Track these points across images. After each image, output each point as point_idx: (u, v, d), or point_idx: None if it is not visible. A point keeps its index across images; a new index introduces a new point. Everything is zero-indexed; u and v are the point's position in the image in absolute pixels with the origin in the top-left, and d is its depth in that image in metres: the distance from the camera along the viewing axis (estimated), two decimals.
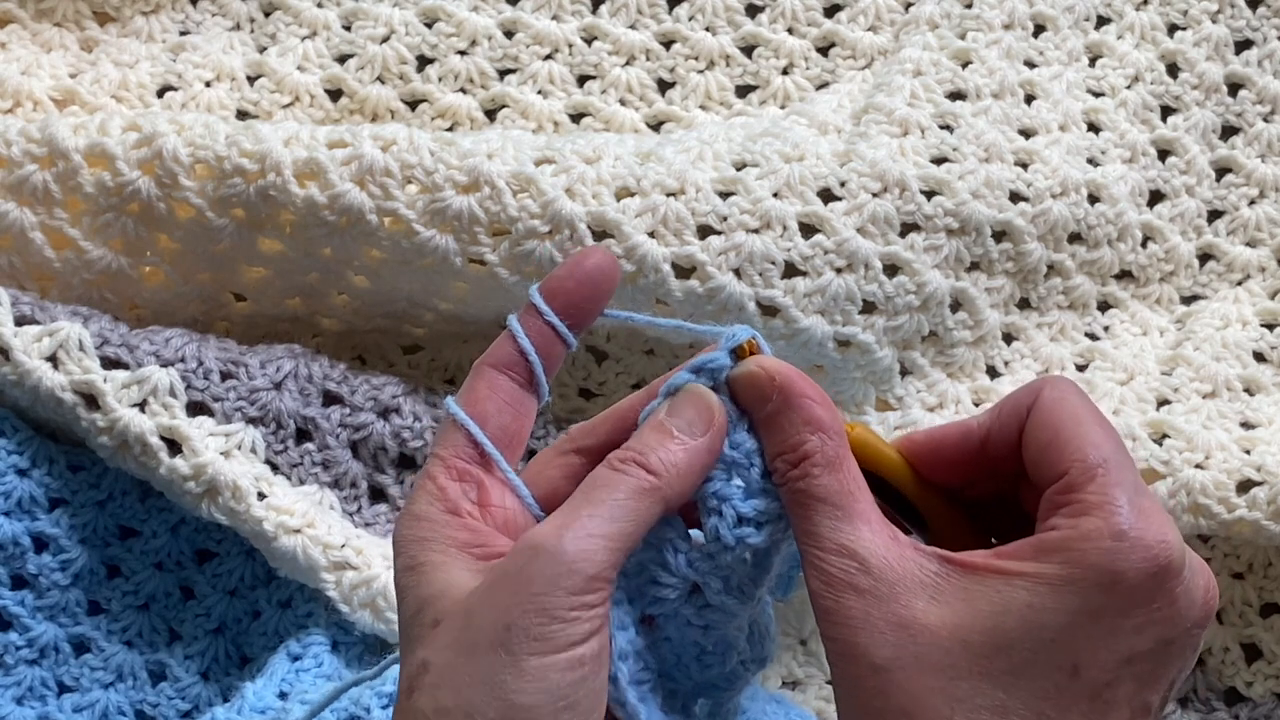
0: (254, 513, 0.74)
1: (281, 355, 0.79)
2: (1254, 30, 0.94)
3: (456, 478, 0.53)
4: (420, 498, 0.53)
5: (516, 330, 0.54)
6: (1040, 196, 0.84)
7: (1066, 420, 0.50)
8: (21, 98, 0.88)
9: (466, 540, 0.51)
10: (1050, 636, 0.47)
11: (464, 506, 0.52)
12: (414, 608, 0.50)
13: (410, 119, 0.90)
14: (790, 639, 0.83)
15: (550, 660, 0.47)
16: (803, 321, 0.78)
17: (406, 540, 0.52)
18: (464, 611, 0.48)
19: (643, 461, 0.50)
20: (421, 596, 0.50)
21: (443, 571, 0.50)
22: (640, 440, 0.51)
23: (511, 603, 0.47)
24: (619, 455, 0.51)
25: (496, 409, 0.54)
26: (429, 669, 0.48)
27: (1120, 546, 0.47)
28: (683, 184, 0.78)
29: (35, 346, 0.76)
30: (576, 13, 0.93)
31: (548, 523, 0.49)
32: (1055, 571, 0.47)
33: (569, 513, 0.49)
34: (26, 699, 0.77)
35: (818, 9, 0.94)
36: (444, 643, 0.48)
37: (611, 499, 0.49)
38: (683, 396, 0.52)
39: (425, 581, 0.50)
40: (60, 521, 0.78)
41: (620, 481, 0.50)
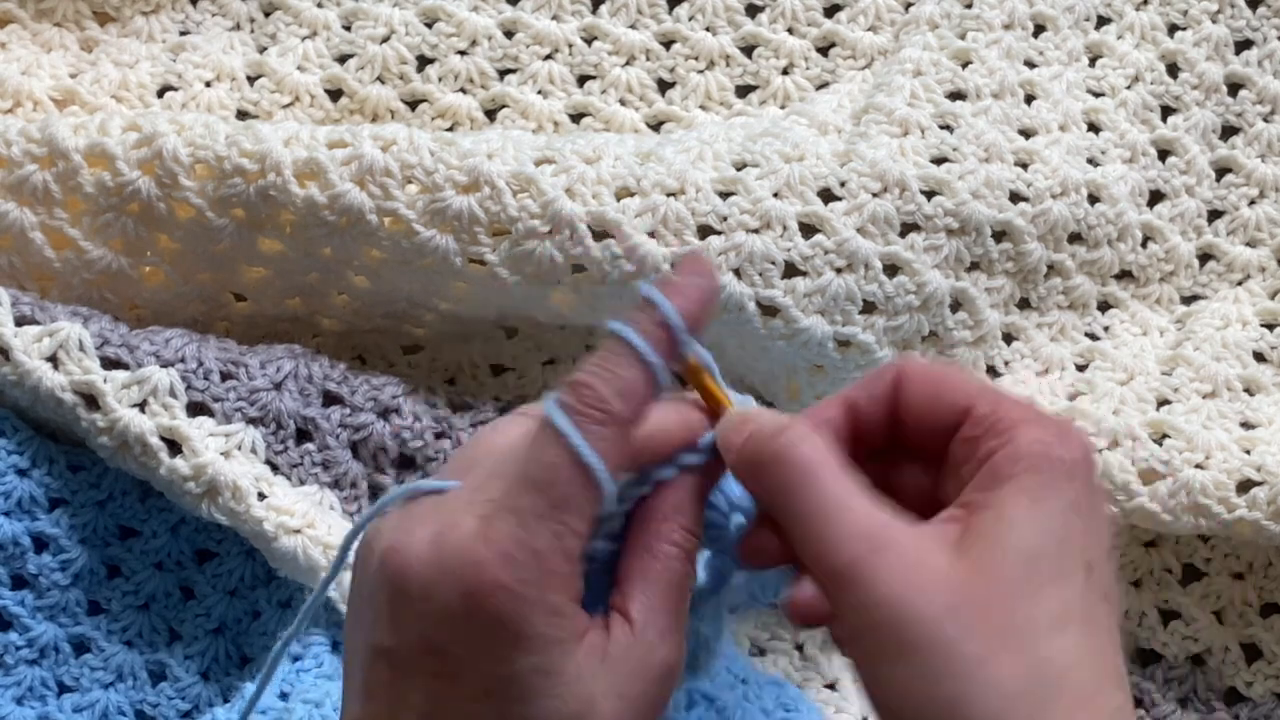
0: (254, 513, 0.74)
1: (281, 355, 0.79)
2: (1254, 30, 0.94)
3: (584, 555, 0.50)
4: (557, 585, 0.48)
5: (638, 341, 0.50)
6: (1040, 196, 0.84)
7: (939, 372, 0.52)
8: (21, 98, 0.88)
9: (578, 630, 0.49)
10: (1058, 539, 0.48)
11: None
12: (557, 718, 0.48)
13: (410, 119, 0.90)
14: (786, 643, 0.83)
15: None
16: (803, 321, 0.78)
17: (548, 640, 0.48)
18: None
19: (694, 555, 0.52)
20: (572, 711, 0.48)
21: (581, 683, 0.48)
22: (697, 526, 0.52)
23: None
24: (690, 551, 0.51)
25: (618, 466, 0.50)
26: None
27: (1061, 439, 0.49)
28: (683, 184, 0.78)
29: (35, 346, 0.76)
30: (576, 13, 0.93)
31: (667, 641, 0.50)
32: (1027, 482, 0.48)
33: (675, 624, 0.50)
34: (26, 699, 0.78)
35: (818, 9, 0.94)
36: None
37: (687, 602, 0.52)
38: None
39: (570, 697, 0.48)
40: (60, 521, 0.78)
41: (690, 581, 0.52)
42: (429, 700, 0.49)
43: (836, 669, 0.82)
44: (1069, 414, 0.83)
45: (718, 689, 0.64)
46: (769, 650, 0.82)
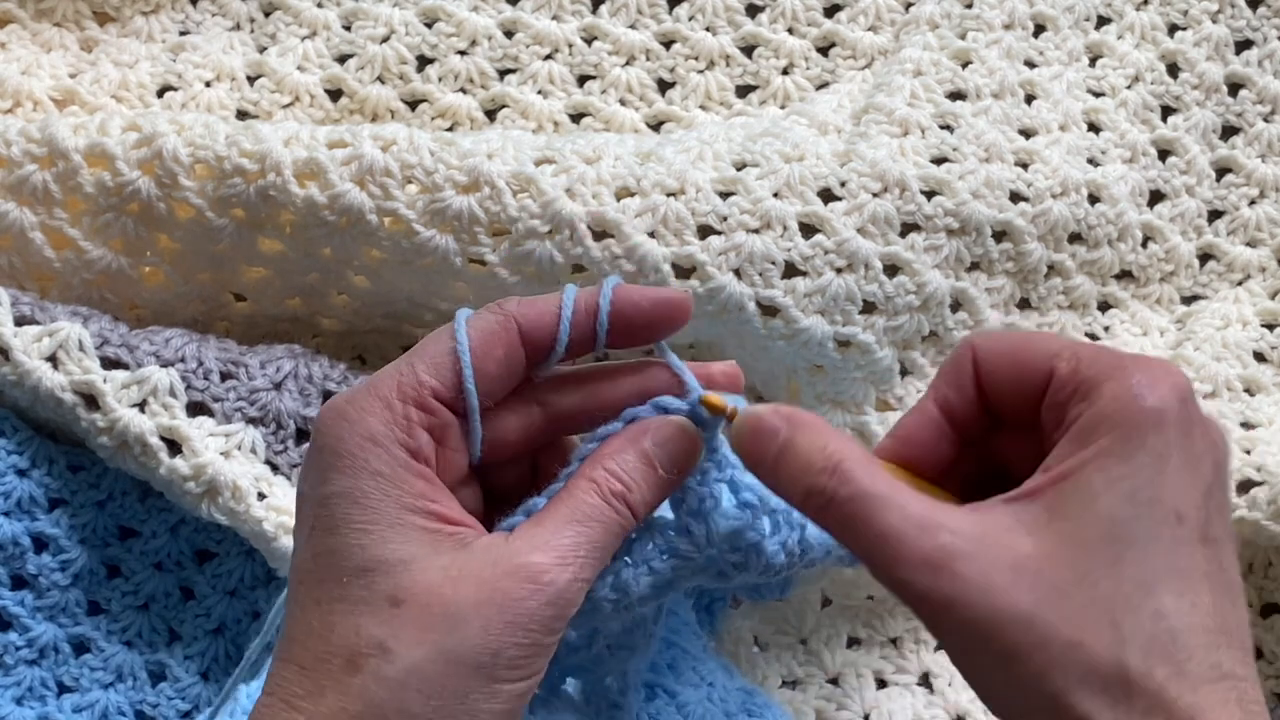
0: (254, 513, 0.74)
1: (281, 355, 0.79)
2: (1254, 30, 0.94)
3: (425, 409, 0.51)
4: (380, 413, 0.50)
5: (568, 296, 0.53)
6: (1040, 196, 0.84)
7: (1014, 341, 0.51)
8: (21, 98, 0.88)
9: (422, 493, 0.50)
10: (1142, 498, 0.47)
11: (425, 449, 0.50)
12: (359, 563, 0.49)
13: (410, 119, 0.90)
14: (790, 638, 0.83)
15: (518, 687, 0.48)
16: (803, 321, 0.78)
17: (356, 464, 0.49)
18: (444, 615, 0.48)
19: (630, 501, 0.51)
20: (374, 556, 0.49)
21: (399, 534, 0.49)
22: (629, 470, 0.51)
23: (506, 632, 0.48)
24: (612, 488, 0.51)
25: (495, 362, 0.52)
26: (391, 658, 0.47)
27: (1145, 390, 0.47)
28: (683, 184, 0.78)
29: (35, 346, 0.76)
30: (576, 13, 0.93)
31: (546, 551, 0.49)
32: (1109, 443, 0.47)
33: (564, 544, 0.49)
34: (26, 699, 0.77)
35: (818, 9, 0.94)
36: (414, 637, 0.48)
37: (603, 542, 0.50)
38: (674, 433, 0.52)
39: (380, 539, 0.49)
40: (60, 521, 0.78)
41: (611, 521, 0.50)
42: (291, 556, 0.51)
43: (839, 664, 0.82)
44: None
45: (681, 686, 0.64)
46: (772, 645, 0.82)
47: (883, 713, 0.79)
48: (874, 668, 0.81)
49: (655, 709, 0.63)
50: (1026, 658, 0.46)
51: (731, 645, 0.82)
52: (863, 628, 0.83)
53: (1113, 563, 0.46)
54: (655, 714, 0.63)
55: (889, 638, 0.82)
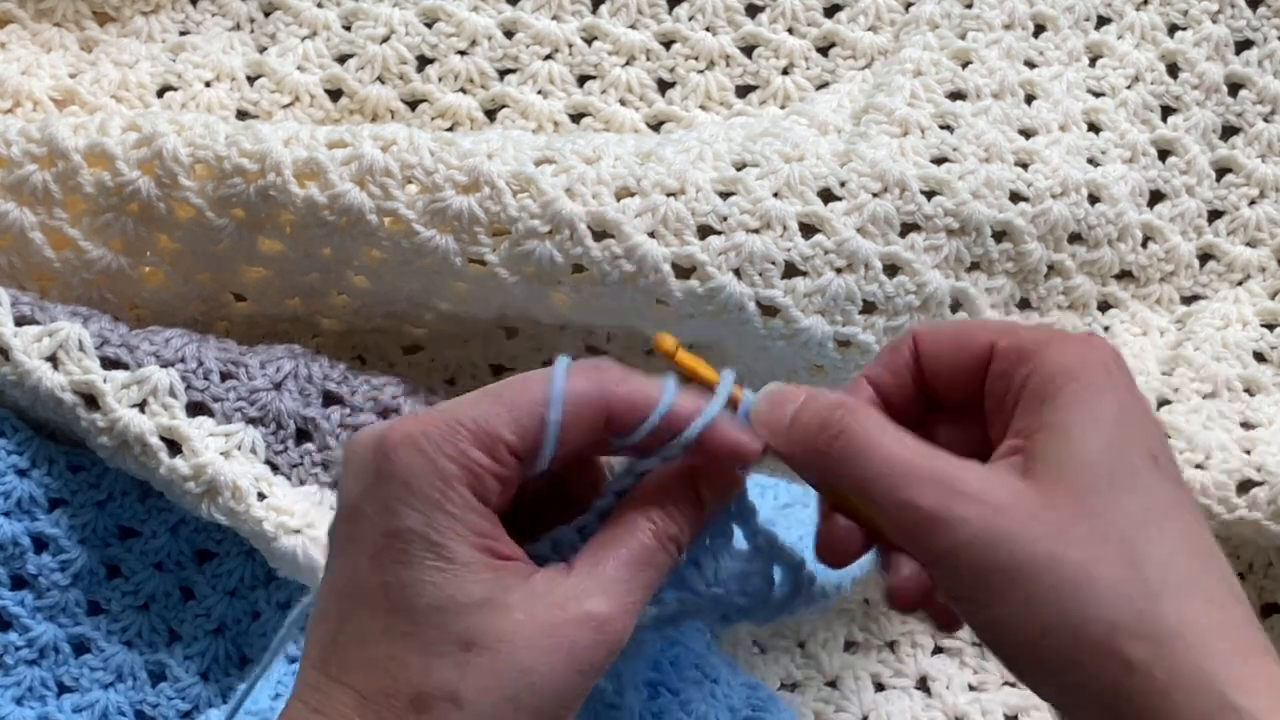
0: (254, 513, 0.74)
1: (281, 355, 0.79)
2: (1254, 30, 0.94)
3: (496, 458, 0.50)
4: (454, 454, 0.49)
5: (667, 396, 0.52)
6: (1040, 196, 0.84)
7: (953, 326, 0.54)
8: (21, 98, 0.88)
9: (485, 532, 0.50)
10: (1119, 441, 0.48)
11: (489, 492, 0.50)
12: (432, 602, 0.48)
13: (410, 119, 0.90)
14: (788, 641, 0.83)
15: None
16: (803, 321, 0.78)
17: (429, 502, 0.49)
18: (514, 663, 0.48)
19: (680, 543, 0.52)
20: (448, 596, 0.48)
21: (472, 575, 0.49)
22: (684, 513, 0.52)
23: (571, 680, 0.49)
24: (669, 530, 0.51)
25: (577, 435, 0.51)
26: (461, 704, 0.48)
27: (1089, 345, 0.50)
28: (683, 184, 0.78)
29: (35, 346, 0.76)
30: (576, 13, 0.93)
31: (608, 598, 0.49)
32: (1076, 391, 0.49)
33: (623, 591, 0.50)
34: (26, 699, 0.77)
35: (818, 9, 0.94)
36: (484, 684, 0.48)
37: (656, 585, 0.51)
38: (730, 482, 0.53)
39: (453, 579, 0.49)
40: (60, 521, 0.78)
41: (664, 565, 0.51)
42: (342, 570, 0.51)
43: (837, 667, 0.82)
44: None
45: (684, 683, 0.64)
46: (770, 648, 0.82)
47: (881, 715, 0.80)
48: (871, 671, 0.81)
49: (659, 707, 0.63)
50: (1034, 577, 0.46)
51: (730, 647, 0.82)
52: (860, 631, 0.83)
53: (1109, 496, 0.47)
54: (659, 712, 0.63)
55: (886, 641, 0.82)
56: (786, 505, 0.70)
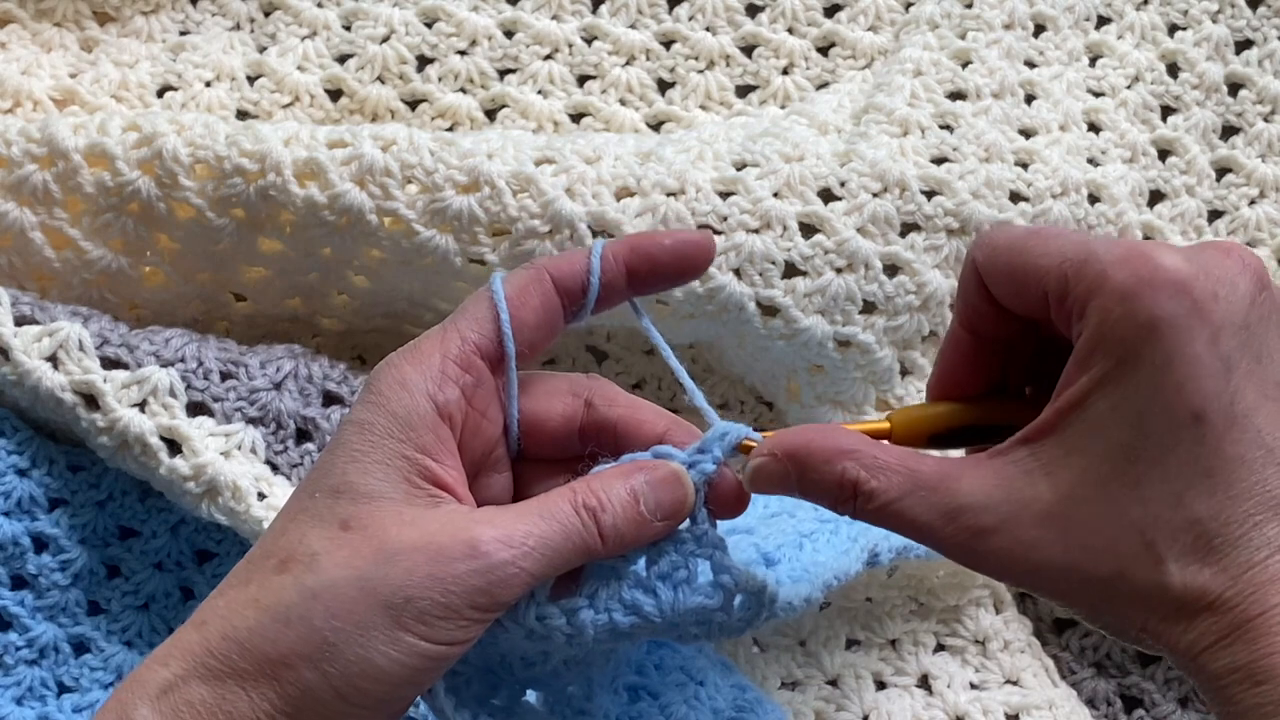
0: (254, 513, 0.74)
1: (281, 355, 0.79)
2: (1254, 30, 0.94)
3: (462, 364, 0.53)
4: (417, 363, 0.52)
5: (597, 253, 0.54)
6: (1040, 196, 0.84)
7: (1012, 255, 0.51)
8: (21, 98, 0.88)
9: (426, 447, 0.51)
10: (1152, 410, 0.47)
11: (452, 406, 0.52)
12: (334, 484, 0.51)
13: (410, 119, 0.90)
14: (789, 640, 0.83)
15: (422, 646, 0.49)
16: (803, 321, 0.78)
17: (381, 400, 0.51)
18: (377, 548, 0.49)
19: (600, 521, 0.51)
20: (349, 482, 0.50)
21: (383, 472, 0.50)
22: (609, 494, 0.52)
23: (424, 581, 0.48)
24: (586, 501, 0.51)
25: (532, 311, 0.54)
26: (316, 569, 0.49)
27: (1132, 304, 0.47)
28: (683, 184, 0.78)
29: (35, 346, 0.76)
30: (576, 13, 0.93)
31: (498, 528, 0.49)
32: (1106, 367, 0.48)
33: (516, 529, 0.50)
34: (26, 699, 0.77)
35: (818, 9, 0.94)
36: (344, 559, 0.49)
37: (558, 544, 0.50)
38: (666, 477, 0.53)
39: (362, 469, 0.51)
40: (60, 521, 0.78)
41: (575, 531, 0.51)
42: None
43: (838, 666, 0.82)
44: None
45: (665, 687, 0.64)
46: (771, 646, 0.82)
47: (882, 714, 0.79)
48: (873, 669, 0.81)
49: (637, 711, 0.63)
50: (1079, 600, 0.48)
51: (731, 646, 0.82)
52: (861, 630, 0.83)
53: (1134, 486, 0.47)
54: (637, 716, 0.62)
55: (887, 639, 0.82)
56: (774, 515, 0.70)
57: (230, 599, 0.50)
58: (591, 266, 0.54)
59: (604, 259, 0.54)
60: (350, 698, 0.49)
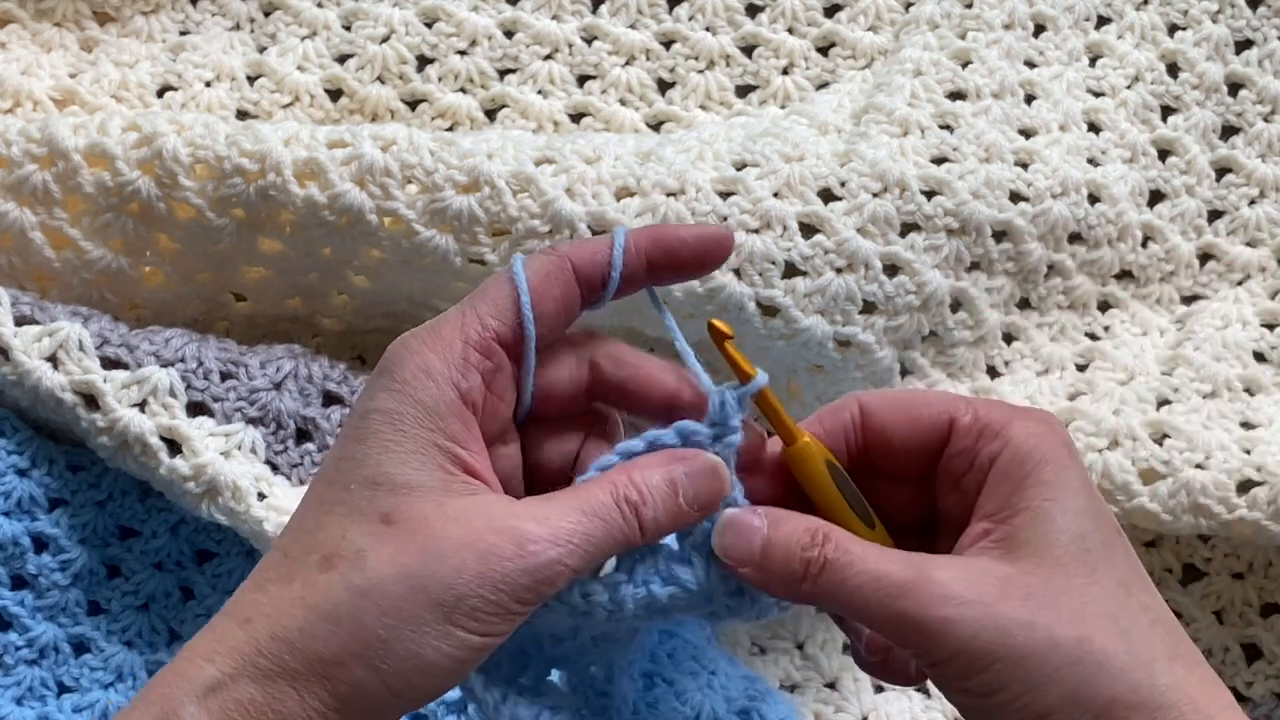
0: (254, 513, 0.74)
1: (281, 355, 0.79)
2: (1254, 30, 0.94)
3: (484, 351, 0.52)
4: (441, 350, 0.52)
5: (620, 243, 0.54)
6: (1040, 196, 0.84)
7: (906, 398, 0.55)
8: (21, 98, 0.88)
9: (455, 435, 0.51)
10: (1091, 516, 0.51)
11: (474, 393, 0.52)
12: (370, 475, 0.50)
13: (410, 119, 0.90)
14: (787, 642, 0.83)
15: (471, 639, 0.49)
16: (803, 321, 0.78)
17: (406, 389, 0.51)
18: (424, 545, 0.49)
19: (642, 515, 0.51)
20: (386, 473, 0.50)
21: (418, 461, 0.50)
22: (650, 486, 0.52)
23: (474, 580, 0.48)
24: (629, 495, 0.51)
25: (552, 301, 0.54)
26: (363, 567, 0.49)
27: (1050, 425, 0.52)
28: (683, 184, 0.78)
29: (35, 346, 0.76)
30: (576, 13, 0.93)
31: (541, 524, 0.50)
32: (1045, 473, 0.51)
33: (562, 526, 0.50)
34: (26, 699, 0.77)
35: (818, 9, 0.94)
36: (391, 556, 0.49)
37: (601, 539, 0.51)
38: (707, 470, 0.53)
39: (398, 459, 0.50)
40: (60, 521, 0.78)
41: (615, 526, 0.51)
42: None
43: (836, 668, 0.82)
44: (1069, 414, 0.83)
45: (679, 674, 0.65)
46: (769, 649, 0.82)
47: (880, 715, 0.80)
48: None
49: (654, 697, 0.64)
50: (1040, 658, 0.48)
51: (729, 648, 0.82)
52: None
53: (1092, 571, 0.50)
54: (654, 702, 0.63)
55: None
56: None
57: (274, 596, 0.49)
58: (614, 258, 0.54)
59: (626, 250, 0.54)
60: (401, 692, 0.49)
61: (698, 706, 0.64)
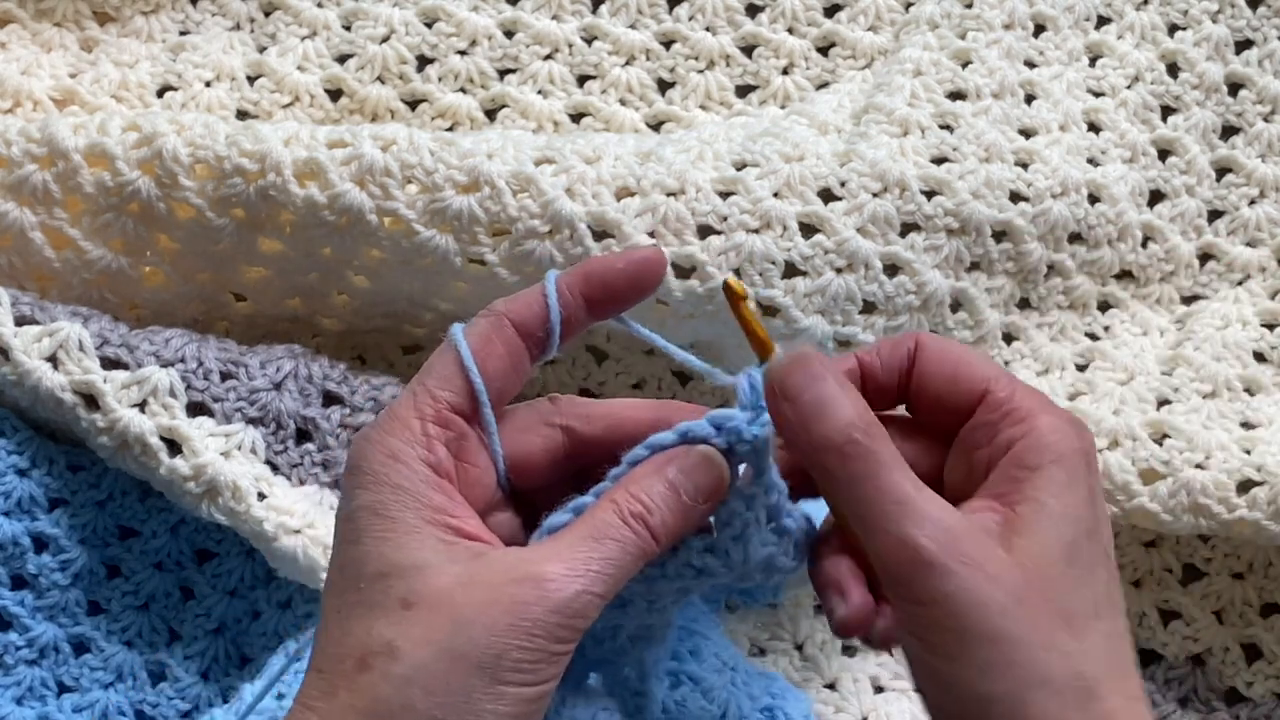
0: (254, 513, 0.74)
1: (281, 355, 0.79)
2: (1254, 30, 0.94)
3: (442, 423, 0.52)
4: (400, 432, 0.52)
5: (551, 286, 0.54)
6: (1040, 196, 0.84)
7: (958, 353, 0.54)
8: (21, 98, 0.88)
9: (441, 507, 0.51)
10: (1086, 529, 0.50)
11: (445, 464, 0.52)
12: (377, 568, 0.50)
13: (410, 119, 0.90)
14: (786, 643, 0.83)
15: (525, 692, 0.49)
16: (803, 321, 0.78)
17: (379, 479, 0.51)
18: (451, 616, 0.48)
19: (650, 524, 0.51)
20: (391, 561, 0.50)
21: (416, 541, 0.50)
22: (651, 495, 0.52)
23: (509, 634, 0.48)
24: (632, 509, 0.51)
25: (497, 359, 0.54)
26: (398, 657, 0.48)
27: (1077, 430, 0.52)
28: (683, 184, 0.78)
29: (35, 346, 0.76)
30: (576, 13, 0.93)
31: (557, 562, 0.50)
32: (1057, 472, 0.51)
33: (577, 558, 0.50)
34: (26, 699, 0.78)
35: (818, 9, 0.94)
36: (422, 636, 0.48)
37: (618, 560, 0.51)
38: (699, 461, 0.53)
39: (396, 545, 0.50)
40: (60, 521, 0.78)
41: (629, 543, 0.51)
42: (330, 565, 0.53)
43: (836, 669, 0.82)
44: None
45: (705, 672, 0.65)
46: (769, 650, 0.82)
47: (880, 716, 0.79)
48: (870, 673, 0.81)
49: (680, 695, 0.64)
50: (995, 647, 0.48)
51: None
52: None
53: (1073, 584, 0.50)
54: (681, 700, 0.64)
55: None
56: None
57: (324, 713, 0.49)
58: (550, 305, 0.54)
59: (560, 295, 0.54)
60: None
61: (724, 704, 0.65)
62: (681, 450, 0.53)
